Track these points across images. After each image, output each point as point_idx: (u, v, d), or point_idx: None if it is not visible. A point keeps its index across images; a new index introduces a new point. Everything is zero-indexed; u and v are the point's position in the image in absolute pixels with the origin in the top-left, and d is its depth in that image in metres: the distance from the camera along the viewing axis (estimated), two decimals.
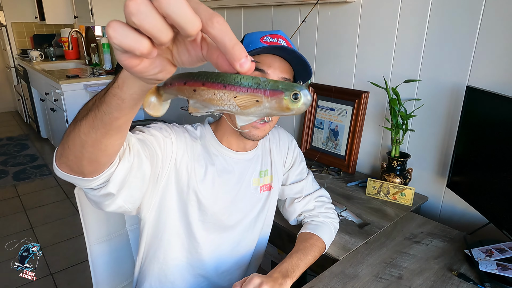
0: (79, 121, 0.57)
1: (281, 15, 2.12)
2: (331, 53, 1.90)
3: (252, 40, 0.99)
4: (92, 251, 1.21)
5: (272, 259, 1.97)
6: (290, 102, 0.38)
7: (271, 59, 0.96)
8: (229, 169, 1.08)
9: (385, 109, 1.70)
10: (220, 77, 0.39)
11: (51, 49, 5.11)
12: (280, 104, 0.38)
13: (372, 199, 1.55)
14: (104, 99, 0.52)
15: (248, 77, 0.38)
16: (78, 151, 0.60)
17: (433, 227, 1.37)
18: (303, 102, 0.38)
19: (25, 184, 3.77)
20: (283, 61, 0.98)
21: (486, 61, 1.34)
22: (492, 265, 1.08)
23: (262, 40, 0.97)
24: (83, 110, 0.58)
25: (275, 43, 0.96)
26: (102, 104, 0.52)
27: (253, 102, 0.38)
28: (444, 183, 1.51)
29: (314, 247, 1.12)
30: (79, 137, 0.58)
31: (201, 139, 1.06)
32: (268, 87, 0.38)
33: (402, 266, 1.14)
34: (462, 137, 1.35)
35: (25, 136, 5.25)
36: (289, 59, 0.99)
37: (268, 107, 0.39)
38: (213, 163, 1.05)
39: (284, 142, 1.24)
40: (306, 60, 0.97)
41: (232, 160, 1.08)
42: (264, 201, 1.18)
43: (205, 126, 1.10)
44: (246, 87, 0.38)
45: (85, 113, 0.56)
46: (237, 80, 0.38)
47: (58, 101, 3.56)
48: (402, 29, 1.57)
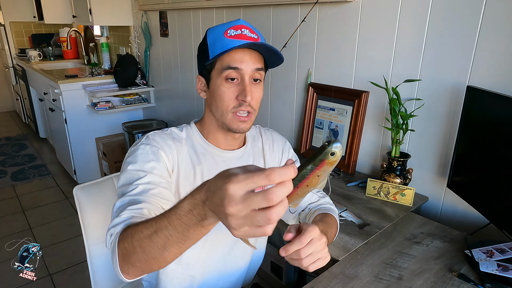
0: (158, 255, 0.66)
1: (280, 15, 2.12)
2: (331, 52, 1.90)
3: (216, 35, 1.00)
4: (91, 252, 1.21)
5: (272, 260, 1.97)
6: (332, 160, 0.56)
7: (241, 54, 0.98)
8: (217, 167, 1.08)
9: (385, 109, 1.71)
10: (299, 178, 0.60)
11: (50, 49, 5.10)
12: (329, 166, 0.57)
13: (372, 199, 1.55)
14: (188, 237, 0.61)
15: (306, 169, 0.59)
16: (164, 265, 0.69)
17: (434, 228, 1.37)
18: (339, 154, 0.56)
19: (23, 184, 3.77)
20: (252, 52, 0.99)
21: (487, 61, 1.34)
22: (493, 265, 1.08)
23: (226, 34, 0.98)
24: (153, 246, 0.66)
25: (239, 35, 0.98)
26: (187, 240, 0.62)
27: (317, 178, 0.60)
28: (444, 183, 1.51)
29: (334, 224, 1.09)
30: (165, 261, 0.67)
31: (187, 140, 1.07)
32: (316, 165, 0.58)
33: (402, 267, 1.14)
34: (462, 137, 1.35)
35: (24, 136, 5.25)
36: (258, 48, 1.00)
37: (325, 172, 0.59)
38: (200, 163, 1.05)
39: (278, 143, 1.24)
40: (274, 49, 0.99)
41: (220, 159, 1.09)
42: None
43: (191, 125, 1.11)
44: (309, 174, 0.59)
45: (162, 248, 0.64)
46: (303, 174, 0.60)
47: (56, 101, 3.56)
48: (402, 29, 1.57)
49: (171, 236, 0.62)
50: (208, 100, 1.06)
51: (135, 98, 3.69)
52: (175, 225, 0.61)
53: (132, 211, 0.83)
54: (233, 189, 0.49)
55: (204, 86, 1.06)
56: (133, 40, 3.69)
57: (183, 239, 0.62)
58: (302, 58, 2.05)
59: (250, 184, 0.49)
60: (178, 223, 0.60)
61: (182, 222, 0.60)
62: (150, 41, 3.47)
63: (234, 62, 0.97)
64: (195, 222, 0.58)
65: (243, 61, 0.98)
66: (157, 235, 0.64)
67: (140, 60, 3.70)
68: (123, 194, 0.91)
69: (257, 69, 0.99)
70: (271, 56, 1.03)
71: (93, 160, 3.73)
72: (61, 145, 3.87)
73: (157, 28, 3.31)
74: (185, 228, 0.60)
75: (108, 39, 4.29)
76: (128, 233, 0.72)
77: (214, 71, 1.01)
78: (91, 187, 1.23)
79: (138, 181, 0.92)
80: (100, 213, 1.21)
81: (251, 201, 0.48)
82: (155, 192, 0.91)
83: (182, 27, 2.99)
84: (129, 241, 0.70)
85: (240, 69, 0.98)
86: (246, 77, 0.99)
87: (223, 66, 0.98)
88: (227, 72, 0.98)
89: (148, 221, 0.68)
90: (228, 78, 0.98)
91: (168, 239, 0.63)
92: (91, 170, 3.73)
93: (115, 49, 4.18)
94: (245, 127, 1.03)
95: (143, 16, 3.43)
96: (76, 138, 3.56)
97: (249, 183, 0.49)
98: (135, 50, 3.73)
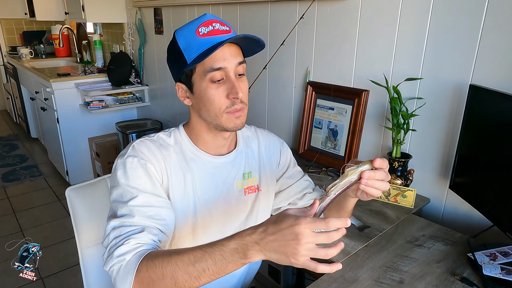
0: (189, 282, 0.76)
1: (278, 12, 2.11)
2: (330, 50, 1.89)
3: (187, 37, 0.97)
4: (84, 255, 1.21)
5: (269, 263, 1.97)
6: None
7: (221, 53, 0.95)
8: (209, 174, 1.07)
9: (385, 108, 1.70)
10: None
11: (41, 46, 5.08)
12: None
13: (372, 201, 1.55)
14: (224, 272, 0.74)
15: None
16: None
17: (435, 230, 1.37)
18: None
19: (14, 186, 3.76)
20: (231, 46, 0.98)
21: (490, 58, 1.34)
22: (496, 269, 1.08)
23: (198, 33, 0.96)
24: (185, 277, 0.76)
25: (212, 31, 0.96)
26: (222, 274, 0.74)
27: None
28: (446, 185, 1.51)
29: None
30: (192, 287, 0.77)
31: (175, 145, 1.06)
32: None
33: (403, 270, 1.14)
34: (465, 137, 1.35)
35: (15, 136, 5.23)
36: (233, 40, 0.98)
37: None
38: (190, 170, 1.05)
39: (275, 144, 1.24)
40: (256, 38, 0.98)
41: (211, 165, 1.08)
42: (252, 204, 1.16)
43: (180, 129, 1.09)
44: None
45: (195, 279, 0.75)
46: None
47: (48, 100, 3.54)
48: (404, 26, 1.57)
49: (208, 269, 0.73)
50: (195, 106, 1.04)
51: (129, 97, 3.68)
52: (216, 260, 0.72)
53: (138, 239, 0.87)
54: (305, 227, 0.66)
55: (186, 92, 1.04)
56: (127, 37, 3.68)
57: (218, 273, 0.73)
58: (300, 56, 2.05)
59: (314, 226, 0.67)
60: (220, 259, 0.72)
61: (224, 258, 0.72)
62: (144, 39, 3.46)
63: (216, 63, 0.95)
64: (237, 259, 0.71)
65: (225, 59, 0.96)
66: (194, 267, 0.74)
67: (134, 58, 3.69)
68: (117, 213, 0.93)
69: (239, 63, 0.98)
70: (250, 45, 1.02)
71: (86, 160, 3.72)
72: (53, 145, 3.86)
73: (151, 25, 3.30)
74: (224, 264, 0.72)
75: (101, 36, 4.27)
76: (155, 263, 0.79)
77: (195, 75, 0.98)
78: (84, 189, 1.22)
79: (132, 201, 0.93)
80: (93, 215, 1.20)
81: (318, 237, 0.66)
82: (152, 215, 0.93)
83: (178, 24, 2.98)
84: (158, 270, 0.78)
85: (224, 68, 0.96)
86: (231, 73, 0.97)
87: (205, 69, 0.96)
88: (211, 74, 0.96)
89: (181, 253, 0.77)
90: (212, 80, 0.96)
91: (204, 271, 0.73)
92: (84, 171, 3.71)
93: (109, 46, 4.16)
94: (241, 122, 1.01)
95: (137, 13, 3.42)
96: (69, 138, 3.55)
97: (314, 225, 0.67)
98: (129, 47, 3.72)
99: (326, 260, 0.70)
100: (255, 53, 1.05)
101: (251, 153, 1.18)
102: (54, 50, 5.20)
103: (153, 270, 0.78)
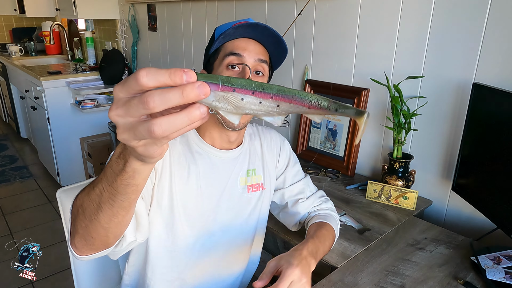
0: (94, 216, 0.65)
1: (275, 8, 2.11)
2: (329, 47, 1.89)
3: (224, 28, 1.04)
4: (75, 258, 1.20)
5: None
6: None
7: (245, 43, 1.00)
8: (213, 168, 1.08)
9: (386, 108, 1.70)
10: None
11: (32, 44, 5.06)
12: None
13: (372, 203, 1.55)
14: (117, 191, 0.60)
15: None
16: (103, 235, 0.70)
17: (438, 233, 1.36)
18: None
19: (3, 187, 3.74)
20: (257, 43, 1.02)
21: (494, 56, 1.34)
22: (500, 273, 1.08)
23: (233, 25, 1.00)
24: (90, 205, 0.65)
25: (246, 22, 1.00)
26: (117, 195, 0.60)
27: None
28: (449, 186, 1.51)
29: (330, 236, 1.13)
30: (102, 227, 0.67)
31: (182, 137, 1.07)
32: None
33: (405, 274, 1.14)
34: (468, 137, 1.34)
35: (4, 136, 5.21)
36: (262, 40, 1.02)
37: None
38: (195, 162, 1.06)
39: (276, 142, 1.25)
40: (276, 33, 1.00)
41: (216, 159, 1.09)
42: (256, 202, 1.18)
43: None
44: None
45: (97, 207, 0.64)
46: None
47: (38, 99, 3.53)
48: (405, 23, 1.56)
49: (104, 190, 0.62)
50: None
51: None
52: (107, 176, 0.60)
53: None
54: (115, 89, 0.43)
55: None
56: (120, 34, 3.67)
57: (113, 193, 0.61)
58: (298, 54, 2.04)
59: (132, 81, 0.41)
60: (109, 172, 0.60)
61: (112, 170, 0.59)
62: (137, 36, 3.46)
63: (237, 49, 0.99)
64: (121, 168, 0.57)
65: (246, 50, 0.99)
66: (93, 190, 0.64)
67: (127, 56, 3.68)
68: None
69: (260, 60, 1.00)
70: (275, 49, 1.04)
71: (77, 161, 3.70)
72: (44, 146, 3.84)
73: (145, 21, 3.29)
74: (113, 178, 0.59)
75: (93, 33, 4.26)
76: (81, 192, 0.71)
77: (217, 60, 1.03)
78: (76, 190, 1.19)
79: None
80: None
81: (129, 105, 0.42)
82: None
83: (172, 21, 2.98)
84: (74, 203, 0.71)
85: (242, 56, 0.99)
86: (249, 67, 0.99)
87: (225, 53, 1.00)
88: (229, 59, 0.99)
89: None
90: (229, 65, 0.99)
91: (102, 194, 0.63)
92: (75, 172, 3.69)
93: (101, 44, 4.15)
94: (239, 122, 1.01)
95: (130, 9, 3.41)
96: (60, 138, 3.53)
97: (129, 80, 0.42)
98: (122, 45, 3.71)
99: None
100: (279, 62, 1.09)
101: (254, 151, 1.19)
102: (44, 47, 5.18)
103: (74, 204, 0.71)
